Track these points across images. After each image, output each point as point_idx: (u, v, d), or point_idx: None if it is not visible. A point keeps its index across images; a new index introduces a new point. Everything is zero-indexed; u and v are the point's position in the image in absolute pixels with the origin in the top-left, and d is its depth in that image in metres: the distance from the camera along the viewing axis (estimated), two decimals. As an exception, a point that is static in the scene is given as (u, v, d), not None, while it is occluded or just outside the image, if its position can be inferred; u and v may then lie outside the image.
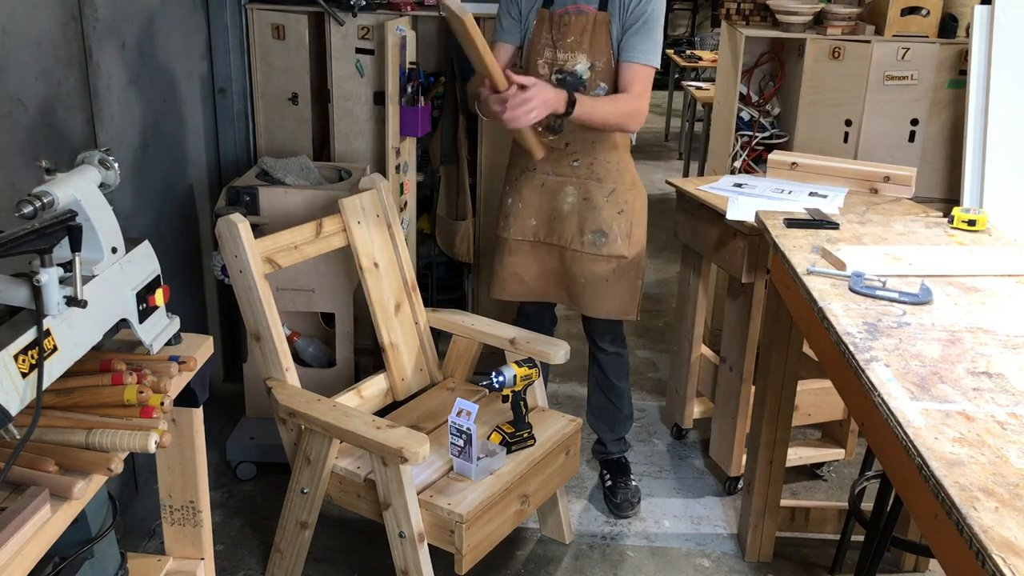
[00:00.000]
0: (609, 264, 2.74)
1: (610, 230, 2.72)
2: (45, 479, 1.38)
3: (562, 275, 2.81)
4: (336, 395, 2.51)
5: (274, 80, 3.33)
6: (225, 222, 2.33)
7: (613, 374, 2.96)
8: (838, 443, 3.15)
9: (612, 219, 2.72)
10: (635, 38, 2.56)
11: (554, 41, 2.62)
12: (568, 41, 2.60)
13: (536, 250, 2.81)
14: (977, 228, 2.47)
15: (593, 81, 2.61)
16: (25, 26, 2.13)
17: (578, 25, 2.58)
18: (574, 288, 2.80)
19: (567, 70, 2.61)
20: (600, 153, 2.70)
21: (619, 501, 2.93)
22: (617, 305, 2.78)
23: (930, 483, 1.40)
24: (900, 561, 2.74)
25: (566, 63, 2.61)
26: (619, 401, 3.00)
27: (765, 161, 3.23)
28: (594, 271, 2.75)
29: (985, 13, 3.10)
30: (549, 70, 2.64)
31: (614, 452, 3.05)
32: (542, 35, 2.64)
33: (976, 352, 1.78)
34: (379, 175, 2.75)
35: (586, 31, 2.58)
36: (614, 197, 2.73)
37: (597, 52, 2.59)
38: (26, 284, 1.45)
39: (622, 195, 2.74)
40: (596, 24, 2.57)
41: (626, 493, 2.95)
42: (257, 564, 2.66)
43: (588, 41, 2.58)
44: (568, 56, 2.61)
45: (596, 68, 2.60)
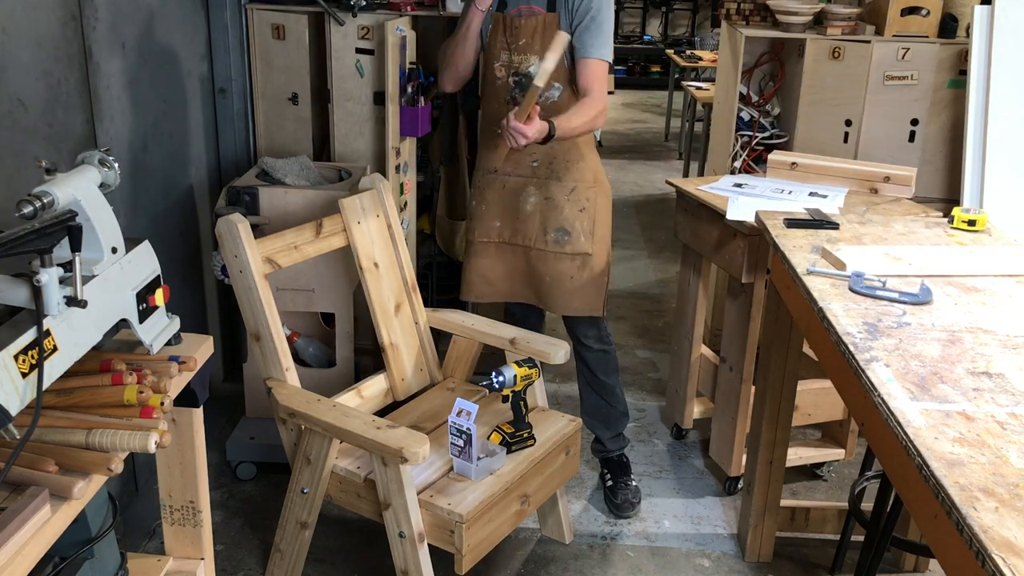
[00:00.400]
0: (573, 262, 2.77)
1: (572, 228, 2.75)
2: (45, 479, 1.38)
3: (528, 275, 2.84)
4: (336, 395, 2.51)
5: (274, 80, 3.33)
6: (225, 222, 2.33)
7: (601, 371, 2.96)
8: (838, 443, 3.15)
9: (574, 217, 2.75)
10: (585, 35, 2.60)
11: (508, 44, 2.67)
12: (520, 43, 2.66)
13: (501, 251, 2.84)
14: (977, 228, 2.47)
15: (547, 81, 2.61)
16: (25, 26, 2.13)
17: (529, 27, 2.64)
18: (540, 287, 2.82)
19: (521, 72, 2.65)
20: (559, 152, 2.73)
21: (619, 501, 2.93)
22: (584, 302, 2.80)
23: (930, 483, 1.40)
24: (900, 561, 2.74)
25: (520, 65, 2.67)
26: (611, 398, 2.99)
27: (765, 161, 3.23)
28: (559, 269, 2.77)
29: (985, 13, 3.10)
30: (506, 73, 2.70)
31: (613, 450, 3.05)
32: (497, 39, 2.70)
33: (976, 352, 1.78)
34: (379, 175, 2.75)
35: (536, 32, 2.63)
36: (575, 195, 2.75)
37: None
38: (26, 284, 1.45)
39: (583, 193, 2.76)
40: (546, 25, 2.62)
41: (626, 493, 2.95)
42: (257, 564, 2.66)
43: (539, 43, 2.63)
44: (522, 58, 2.66)
45: None
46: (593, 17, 2.59)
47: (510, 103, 2.67)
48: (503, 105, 2.71)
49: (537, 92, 2.41)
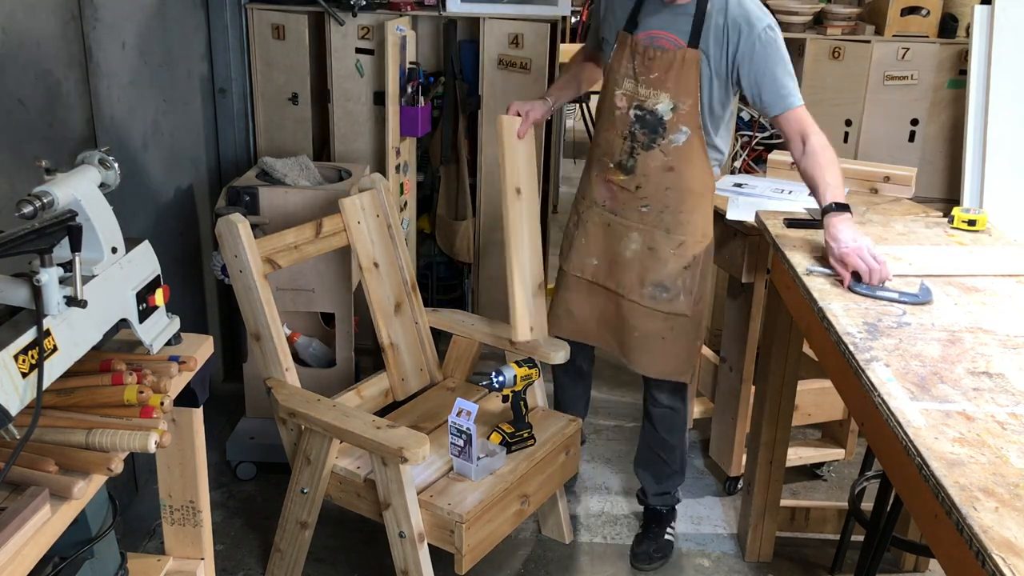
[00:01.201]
0: (667, 322, 2.53)
1: (673, 285, 2.50)
2: (45, 479, 1.38)
3: (616, 324, 2.61)
4: (336, 395, 2.51)
5: (274, 80, 3.33)
6: (225, 222, 2.33)
7: (665, 429, 2.70)
8: (838, 443, 3.15)
9: (677, 274, 2.50)
10: (769, 86, 2.29)
11: (635, 73, 2.39)
12: (651, 77, 2.37)
13: (593, 291, 2.64)
14: (977, 228, 2.47)
15: (674, 124, 2.39)
16: (25, 26, 2.13)
17: (663, 62, 2.34)
18: (627, 340, 2.59)
19: (647, 108, 2.39)
20: (673, 201, 2.46)
21: (638, 551, 2.72)
22: (671, 366, 2.57)
23: (930, 483, 1.40)
24: (900, 561, 2.74)
25: (646, 100, 2.39)
26: (669, 456, 2.73)
27: (765, 161, 3.23)
28: (649, 327, 2.53)
29: (985, 13, 3.10)
30: (628, 103, 2.43)
31: (654, 505, 2.81)
32: (622, 63, 2.42)
33: (976, 352, 1.78)
34: (379, 175, 2.75)
35: (672, 68, 2.34)
36: (682, 250, 2.49)
37: (683, 93, 2.35)
38: (26, 284, 1.45)
39: (691, 248, 2.50)
40: (685, 62, 2.32)
41: (650, 546, 2.73)
42: (257, 564, 2.66)
43: (674, 80, 2.34)
44: (649, 93, 2.38)
45: (680, 111, 2.37)
46: (766, 62, 2.26)
47: (628, 138, 2.46)
48: (620, 139, 2.47)
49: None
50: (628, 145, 2.46)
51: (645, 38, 2.38)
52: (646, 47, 2.37)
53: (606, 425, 3.47)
